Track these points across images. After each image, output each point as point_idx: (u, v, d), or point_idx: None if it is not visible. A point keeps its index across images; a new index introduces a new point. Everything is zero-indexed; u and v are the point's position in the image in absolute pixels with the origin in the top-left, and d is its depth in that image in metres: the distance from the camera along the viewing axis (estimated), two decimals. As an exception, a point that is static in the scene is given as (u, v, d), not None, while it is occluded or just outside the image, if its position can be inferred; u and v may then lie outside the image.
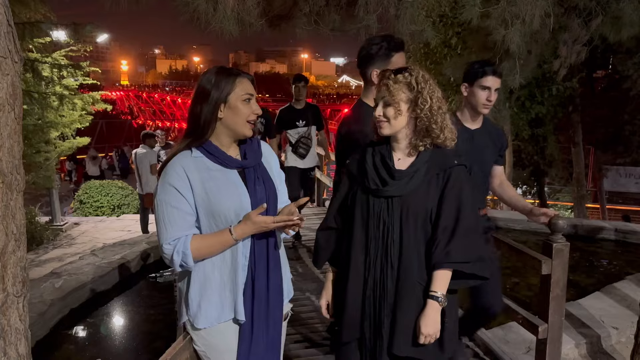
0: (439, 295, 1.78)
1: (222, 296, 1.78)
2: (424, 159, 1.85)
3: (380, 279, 1.84)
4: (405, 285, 1.81)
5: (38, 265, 6.39)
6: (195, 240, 1.71)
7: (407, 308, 1.81)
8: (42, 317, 4.13)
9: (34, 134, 7.04)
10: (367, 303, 1.86)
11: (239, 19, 3.78)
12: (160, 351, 1.82)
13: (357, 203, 1.91)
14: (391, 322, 1.83)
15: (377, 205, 1.85)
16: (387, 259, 1.82)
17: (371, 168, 1.89)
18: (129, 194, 10.49)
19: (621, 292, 4.46)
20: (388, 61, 2.32)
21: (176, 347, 1.79)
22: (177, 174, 1.73)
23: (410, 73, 1.83)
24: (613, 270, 5.83)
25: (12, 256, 1.33)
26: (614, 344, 3.72)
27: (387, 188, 1.83)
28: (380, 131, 1.86)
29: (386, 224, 1.83)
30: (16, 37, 1.32)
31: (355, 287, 1.89)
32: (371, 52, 2.35)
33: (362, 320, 1.88)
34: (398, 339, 1.81)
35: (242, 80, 1.78)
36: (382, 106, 1.83)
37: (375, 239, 1.85)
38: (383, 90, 1.84)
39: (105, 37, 22.58)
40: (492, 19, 4.32)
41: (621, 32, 4.77)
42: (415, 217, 1.81)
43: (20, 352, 1.38)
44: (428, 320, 1.78)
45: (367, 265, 1.86)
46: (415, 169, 1.83)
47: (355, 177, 1.95)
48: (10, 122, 1.31)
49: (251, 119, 1.78)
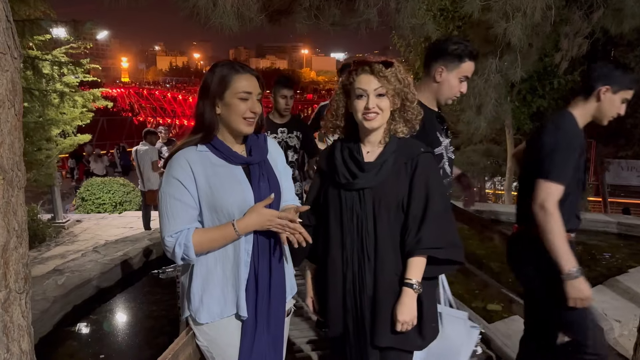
0: (414, 282, 1.80)
1: (224, 291, 1.78)
2: (392, 149, 1.87)
3: (358, 272, 1.85)
4: (383, 276, 1.83)
5: (41, 262, 6.41)
6: (197, 234, 1.70)
7: (386, 299, 1.82)
8: (45, 314, 4.14)
9: (35, 132, 7.04)
10: (348, 297, 1.88)
11: (239, 14, 3.77)
12: (163, 347, 1.82)
13: (330, 199, 1.92)
14: (371, 314, 1.84)
15: (349, 199, 1.86)
16: (364, 251, 1.84)
17: (340, 163, 1.90)
18: (130, 190, 10.50)
19: (624, 285, 4.45)
20: (458, 64, 2.25)
21: (179, 342, 1.80)
22: (182, 167, 1.73)
23: (397, 66, 1.86)
24: (615, 263, 5.82)
25: (14, 253, 1.33)
26: (617, 336, 3.72)
27: (357, 181, 1.84)
28: (370, 123, 1.84)
29: (359, 216, 1.84)
30: (15, 33, 1.31)
31: (335, 282, 1.91)
32: (444, 48, 2.25)
33: (345, 315, 1.90)
34: (379, 331, 1.83)
35: (240, 77, 1.75)
36: (375, 97, 1.82)
37: (350, 232, 1.86)
38: (374, 82, 1.82)
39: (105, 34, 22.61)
40: (493, 12, 4.31)
41: (623, 25, 4.76)
42: (387, 207, 1.83)
43: (23, 348, 1.38)
44: (403, 308, 1.79)
45: (345, 260, 1.88)
46: (384, 159, 1.85)
47: (326, 173, 1.97)
48: (11, 118, 1.30)
49: (247, 116, 1.75)
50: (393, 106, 1.86)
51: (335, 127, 1.98)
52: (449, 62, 2.25)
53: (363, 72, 1.84)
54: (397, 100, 1.86)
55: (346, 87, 1.91)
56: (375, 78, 1.82)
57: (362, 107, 1.82)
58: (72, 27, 5.80)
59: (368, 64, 1.85)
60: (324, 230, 1.94)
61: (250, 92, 1.75)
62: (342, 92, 1.94)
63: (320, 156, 2.05)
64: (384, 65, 1.83)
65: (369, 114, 1.82)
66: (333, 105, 1.97)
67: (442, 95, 2.34)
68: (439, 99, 2.36)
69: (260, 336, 1.79)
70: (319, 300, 2.03)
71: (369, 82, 1.82)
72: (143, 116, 55.53)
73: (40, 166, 7.25)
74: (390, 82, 1.82)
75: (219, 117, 1.77)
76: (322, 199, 1.97)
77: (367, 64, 1.85)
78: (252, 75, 1.78)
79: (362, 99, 1.83)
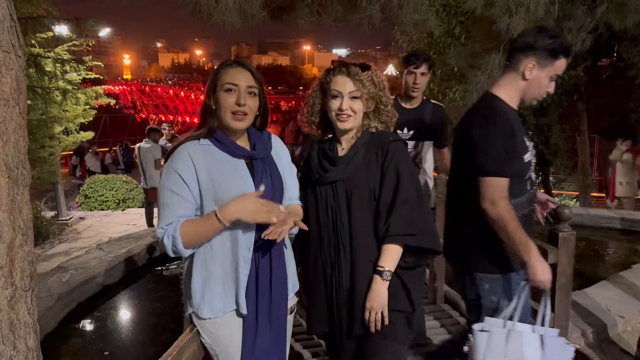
0: (383, 269, 1.81)
1: (225, 287, 1.77)
2: (363, 142, 1.91)
3: (336, 264, 1.88)
4: (358, 267, 1.85)
5: (45, 259, 6.43)
6: (184, 225, 1.68)
7: (361, 289, 1.85)
8: (49, 311, 4.16)
9: (38, 129, 7.04)
10: (328, 291, 1.92)
11: (241, 11, 3.77)
12: (167, 344, 1.83)
13: (308, 197, 1.97)
14: (348, 306, 1.87)
15: (323, 193, 1.91)
16: (339, 243, 1.87)
17: (315, 162, 1.96)
18: (133, 188, 10.52)
19: (627, 280, 4.45)
20: (552, 61, 2.06)
21: (184, 339, 1.80)
22: (183, 160, 1.73)
23: (373, 70, 1.89)
24: (619, 259, 5.82)
25: (20, 250, 1.33)
26: (620, 332, 3.72)
27: (329, 174, 1.89)
28: (342, 125, 1.87)
29: (333, 209, 1.88)
30: (19, 32, 1.31)
31: (316, 277, 1.95)
32: (537, 42, 2.04)
33: (329, 309, 1.93)
34: (355, 321, 1.85)
35: (228, 70, 1.75)
36: (350, 100, 1.85)
37: (326, 226, 1.90)
38: (349, 84, 1.85)
39: (107, 32, 22.48)
40: (496, 8, 4.30)
41: (626, 19, 4.74)
42: (360, 198, 1.86)
43: (30, 345, 1.38)
44: (372, 294, 1.82)
45: (323, 254, 1.91)
46: (354, 151, 1.89)
47: (304, 173, 2.02)
48: (15, 116, 1.30)
49: (234, 110, 1.73)
50: (366, 109, 1.90)
51: (310, 123, 2.02)
52: (542, 58, 2.05)
53: (340, 74, 1.87)
54: (370, 104, 1.90)
55: (323, 86, 1.94)
56: (351, 80, 1.85)
57: (337, 107, 1.86)
58: (74, 24, 5.81)
59: (345, 65, 1.88)
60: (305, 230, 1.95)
61: (235, 83, 1.73)
62: (319, 89, 1.97)
63: (302, 159, 2.09)
64: (361, 69, 1.86)
65: (341, 115, 1.86)
66: (309, 101, 2.00)
67: (529, 95, 2.14)
68: (524, 98, 2.16)
69: (262, 333, 1.78)
70: (306, 296, 2.06)
71: (345, 84, 1.86)
72: (145, 113, 55.49)
73: (43, 164, 7.25)
74: (365, 85, 1.85)
75: (215, 112, 1.78)
76: (302, 199, 2.00)
77: (345, 65, 1.88)
78: (243, 68, 1.77)
79: (336, 100, 1.87)
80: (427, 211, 1.91)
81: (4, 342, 1.30)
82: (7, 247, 1.29)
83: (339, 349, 1.95)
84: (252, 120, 1.80)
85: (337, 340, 1.95)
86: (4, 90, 1.27)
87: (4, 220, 1.28)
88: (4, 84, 1.26)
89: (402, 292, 1.86)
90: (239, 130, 1.79)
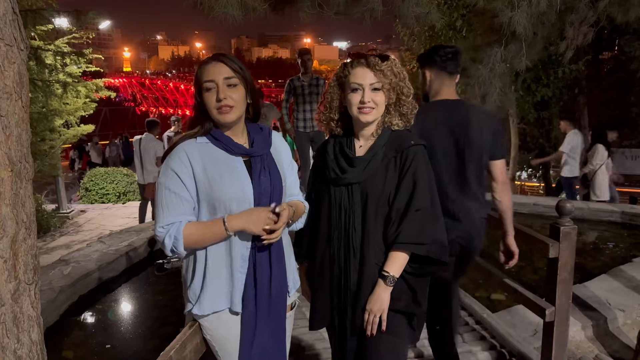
0: (388, 275, 1.79)
1: (223, 284, 1.77)
2: (382, 143, 1.85)
3: (344, 268, 1.85)
4: (366, 272, 1.82)
5: (46, 252, 6.45)
6: (188, 227, 1.68)
7: (367, 293, 1.82)
8: (51, 304, 4.17)
9: (39, 122, 7.04)
10: (335, 294, 1.89)
11: (242, 3, 3.74)
12: (168, 336, 1.83)
13: (321, 195, 1.93)
14: (353, 307, 1.85)
15: (337, 194, 1.86)
16: (350, 245, 1.83)
17: (332, 158, 1.90)
18: (134, 181, 10.53)
19: (628, 274, 4.46)
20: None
21: (186, 332, 1.80)
22: (180, 159, 1.72)
23: (392, 60, 1.83)
24: (619, 252, 5.82)
25: (23, 244, 1.34)
26: (621, 325, 3.74)
27: (346, 176, 1.83)
28: (365, 117, 1.82)
29: (347, 212, 1.83)
30: (22, 25, 1.31)
31: (323, 279, 1.92)
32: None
33: (331, 311, 1.92)
34: (359, 322, 1.84)
35: (204, 68, 1.72)
36: (371, 92, 1.80)
37: (337, 228, 1.86)
38: (370, 76, 1.80)
39: (107, 24, 22.46)
40: (498, 1, 4.27)
41: (629, 13, 4.71)
42: (375, 202, 1.81)
43: (33, 338, 1.39)
44: (373, 297, 1.80)
45: (332, 256, 1.87)
46: (373, 153, 1.84)
47: (319, 168, 1.97)
48: (18, 110, 1.30)
49: (217, 106, 1.70)
50: (388, 100, 1.84)
51: (329, 120, 1.95)
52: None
53: (358, 65, 1.81)
54: (392, 95, 1.84)
55: (341, 80, 1.88)
56: (371, 72, 1.79)
57: (357, 101, 1.80)
58: (74, 17, 5.76)
59: (364, 56, 1.82)
60: (314, 226, 1.94)
61: (211, 79, 1.70)
62: (336, 84, 1.90)
63: (316, 152, 2.04)
64: (380, 59, 1.80)
65: (364, 108, 1.80)
66: (327, 98, 1.93)
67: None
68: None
69: (261, 330, 1.78)
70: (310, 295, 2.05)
71: (365, 75, 1.80)
72: (145, 106, 55.37)
73: (44, 157, 7.26)
74: (386, 76, 1.80)
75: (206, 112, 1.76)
76: (313, 195, 1.97)
77: (363, 56, 1.82)
78: (217, 61, 1.71)
79: (357, 93, 1.80)
80: (439, 221, 1.86)
81: (8, 335, 1.31)
82: (10, 241, 1.30)
83: (342, 344, 1.94)
84: (242, 110, 1.76)
85: (340, 338, 1.94)
86: (7, 83, 1.26)
87: (7, 214, 1.28)
88: (6, 77, 1.26)
89: (408, 293, 1.85)
90: (231, 123, 1.75)
